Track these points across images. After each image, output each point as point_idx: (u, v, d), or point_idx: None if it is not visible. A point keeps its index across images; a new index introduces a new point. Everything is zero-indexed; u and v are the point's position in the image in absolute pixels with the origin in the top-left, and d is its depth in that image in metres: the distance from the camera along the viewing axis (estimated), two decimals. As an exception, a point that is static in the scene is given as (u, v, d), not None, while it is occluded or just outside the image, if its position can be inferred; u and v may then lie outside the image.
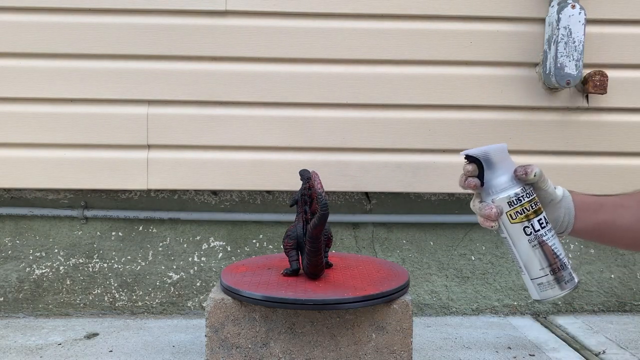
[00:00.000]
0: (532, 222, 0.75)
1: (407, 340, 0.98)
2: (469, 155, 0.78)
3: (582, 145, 1.40)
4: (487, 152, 0.77)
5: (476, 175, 0.78)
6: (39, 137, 1.37)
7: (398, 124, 1.39)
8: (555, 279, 0.76)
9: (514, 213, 0.76)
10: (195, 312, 1.46)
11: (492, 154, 0.77)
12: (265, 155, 1.39)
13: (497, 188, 0.77)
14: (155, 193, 1.45)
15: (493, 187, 0.77)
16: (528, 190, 0.76)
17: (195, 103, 1.38)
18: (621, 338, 1.30)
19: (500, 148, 0.77)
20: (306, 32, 1.37)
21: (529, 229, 0.76)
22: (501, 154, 0.77)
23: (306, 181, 1.05)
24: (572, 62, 1.32)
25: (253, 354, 0.97)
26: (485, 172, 0.78)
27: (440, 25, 1.38)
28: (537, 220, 0.75)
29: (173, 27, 1.36)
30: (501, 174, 0.77)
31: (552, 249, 0.76)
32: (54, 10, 1.35)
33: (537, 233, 0.76)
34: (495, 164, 0.77)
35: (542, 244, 0.76)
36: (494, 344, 1.26)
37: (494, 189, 0.77)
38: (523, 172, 0.76)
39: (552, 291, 0.77)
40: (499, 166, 0.77)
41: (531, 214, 0.75)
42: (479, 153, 0.77)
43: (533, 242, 0.76)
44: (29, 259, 1.45)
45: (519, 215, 0.76)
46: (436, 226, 1.49)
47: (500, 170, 0.77)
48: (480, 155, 0.77)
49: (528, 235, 0.76)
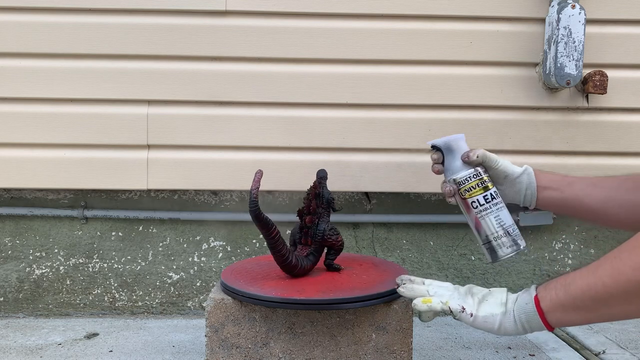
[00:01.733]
0: (477, 197, 0.94)
1: (407, 340, 0.98)
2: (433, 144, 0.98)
3: (582, 145, 1.40)
4: (446, 142, 0.96)
5: (441, 162, 0.98)
6: (39, 137, 1.37)
7: (398, 124, 1.39)
8: (498, 244, 0.94)
9: (464, 191, 0.95)
10: (195, 312, 1.46)
11: (450, 143, 0.96)
12: (265, 155, 1.39)
13: (452, 171, 0.96)
14: (155, 193, 1.45)
15: (449, 170, 0.96)
16: (477, 172, 0.94)
17: (195, 103, 1.38)
18: (621, 338, 1.30)
19: (458, 137, 0.96)
20: (306, 32, 1.37)
21: (475, 203, 0.94)
22: (458, 142, 0.96)
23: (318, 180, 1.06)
24: (572, 62, 1.32)
25: (253, 354, 0.97)
26: (445, 158, 0.97)
27: (440, 25, 1.38)
28: (482, 196, 0.94)
29: (173, 27, 1.36)
30: (457, 159, 0.96)
31: (495, 220, 0.94)
32: (54, 10, 1.35)
33: (482, 206, 0.94)
34: (453, 151, 0.96)
35: (487, 215, 0.94)
36: (494, 344, 1.26)
37: (450, 172, 0.96)
38: (466, 156, 0.94)
39: (496, 253, 0.95)
40: (456, 153, 0.96)
41: (478, 191, 0.94)
42: (439, 143, 0.97)
43: (479, 213, 0.94)
44: (28, 259, 1.45)
45: (467, 192, 0.94)
46: (436, 226, 1.49)
47: (457, 156, 0.96)
48: (441, 145, 0.97)
49: (475, 208, 0.95)
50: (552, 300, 0.77)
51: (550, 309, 0.77)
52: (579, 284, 0.74)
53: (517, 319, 0.80)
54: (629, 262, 0.69)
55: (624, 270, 0.69)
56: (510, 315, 0.81)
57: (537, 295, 0.79)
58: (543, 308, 0.78)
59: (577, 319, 0.77)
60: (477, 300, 0.85)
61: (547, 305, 0.78)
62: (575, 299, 0.74)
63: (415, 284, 0.90)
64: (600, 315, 0.75)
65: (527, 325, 0.80)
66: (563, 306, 0.76)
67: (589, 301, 0.73)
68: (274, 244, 0.96)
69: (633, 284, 0.68)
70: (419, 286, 0.89)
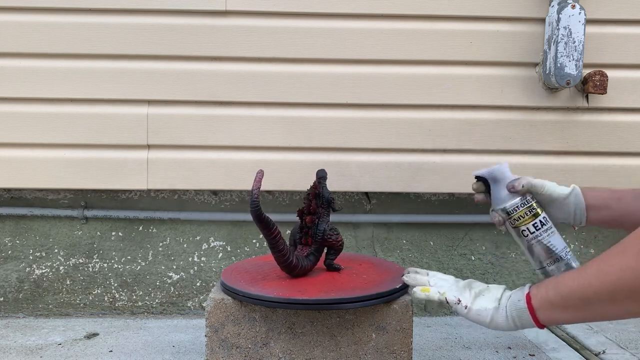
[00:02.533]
0: (527, 226, 0.93)
1: (407, 340, 0.98)
2: (477, 175, 0.98)
3: (582, 145, 1.40)
4: (491, 172, 0.96)
5: (482, 191, 0.99)
6: (39, 137, 1.37)
7: (398, 124, 1.39)
8: (553, 269, 0.93)
9: (513, 220, 0.94)
10: (195, 312, 1.46)
11: (495, 173, 0.96)
12: (265, 155, 1.39)
13: (499, 201, 0.95)
14: (155, 193, 1.45)
15: (496, 200, 0.96)
16: (525, 200, 0.94)
17: (195, 103, 1.38)
18: (621, 338, 1.30)
19: (502, 167, 0.96)
20: (306, 32, 1.37)
21: (525, 232, 0.94)
22: (503, 171, 0.96)
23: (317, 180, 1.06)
24: (572, 62, 1.32)
25: (253, 354, 0.97)
26: (492, 187, 0.97)
27: (440, 25, 1.38)
28: (532, 224, 0.93)
29: (173, 27, 1.36)
30: (502, 188, 0.95)
31: (547, 246, 0.94)
32: (54, 10, 1.35)
33: (532, 234, 0.94)
34: (499, 180, 0.95)
35: (538, 242, 0.94)
36: (494, 344, 1.26)
37: (497, 202, 0.96)
38: (511, 186, 0.94)
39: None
40: (501, 182, 0.95)
41: (528, 219, 0.93)
42: (484, 173, 0.97)
43: (531, 241, 0.94)
44: (29, 259, 1.45)
45: (516, 221, 0.94)
46: (436, 226, 1.49)
47: (502, 185, 0.95)
48: (486, 175, 0.97)
49: (525, 236, 0.94)
50: (543, 299, 0.80)
51: (540, 307, 0.80)
52: (568, 283, 0.77)
53: (508, 314, 0.84)
54: (616, 264, 0.71)
55: (610, 271, 0.71)
56: (502, 310, 0.84)
57: (529, 293, 0.82)
58: (534, 305, 0.81)
59: (566, 317, 0.79)
60: (473, 294, 0.88)
61: (538, 303, 0.81)
62: (564, 298, 0.77)
63: (419, 275, 0.95)
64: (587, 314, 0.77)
65: (518, 321, 0.83)
66: (552, 304, 0.79)
67: (577, 300, 0.76)
68: (274, 244, 0.96)
69: (618, 286, 0.70)
70: (422, 276, 0.95)
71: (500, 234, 1.49)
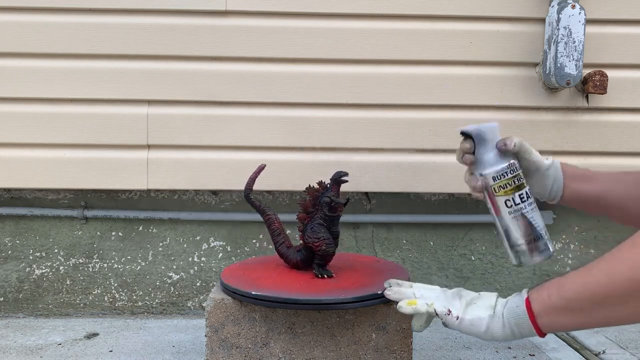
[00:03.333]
0: (513, 196, 0.84)
1: (407, 340, 0.98)
2: (464, 132, 0.88)
3: (582, 145, 1.40)
4: (480, 130, 0.86)
5: (472, 152, 0.87)
6: (39, 137, 1.37)
7: (398, 124, 1.39)
8: (531, 248, 0.85)
9: (497, 187, 0.85)
10: (195, 312, 1.46)
11: (484, 132, 0.86)
12: (265, 155, 1.39)
13: (485, 163, 0.86)
14: (155, 193, 1.45)
15: (482, 163, 0.86)
16: (513, 167, 0.85)
17: (195, 103, 1.38)
18: (621, 338, 1.30)
19: (492, 127, 0.86)
20: (306, 32, 1.37)
21: (509, 202, 0.85)
22: (492, 132, 0.86)
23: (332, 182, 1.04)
24: (572, 62, 1.32)
25: (253, 354, 0.97)
26: (477, 148, 0.86)
27: (440, 25, 1.38)
28: (518, 194, 0.84)
29: (173, 27, 1.36)
30: (490, 150, 0.86)
31: (530, 221, 0.85)
32: (54, 10, 1.35)
33: (517, 206, 0.85)
34: (487, 141, 0.86)
35: (521, 216, 0.84)
36: (494, 344, 1.26)
37: (483, 164, 0.86)
38: (502, 143, 0.85)
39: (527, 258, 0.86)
40: (489, 143, 0.86)
41: (513, 188, 0.84)
42: (472, 130, 0.87)
43: (513, 213, 0.85)
44: (29, 259, 1.45)
45: (502, 189, 0.85)
46: (436, 226, 1.49)
47: (490, 147, 0.86)
48: (474, 132, 0.87)
49: (509, 207, 0.85)
50: (545, 302, 0.73)
51: (542, 312, 0.74)
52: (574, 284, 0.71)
53: (506, 322, 0.77)
54: (627, 261, 0.67)
55: (621, 269, 0.67)
56: (499, 318, 0.78)
57: (529, 297, 0.76)
58: (534, 310, 0.74)
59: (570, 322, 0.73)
60: (464, 303, 0.82)
61: (539, 308, 0.74)
62: (569, 300, 0.71)
63: (402, 287, 0.88)
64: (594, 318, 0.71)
65: (517, 329, 0.76)
66: (556, 308, 0.72)
67: (584, 302, 0.70)
68: (268, 227, 1.11)
69: (630, 283, 0.66)
70: (406, 289, 0.88)
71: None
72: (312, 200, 1.04)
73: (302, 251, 1.06)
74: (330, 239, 1.02)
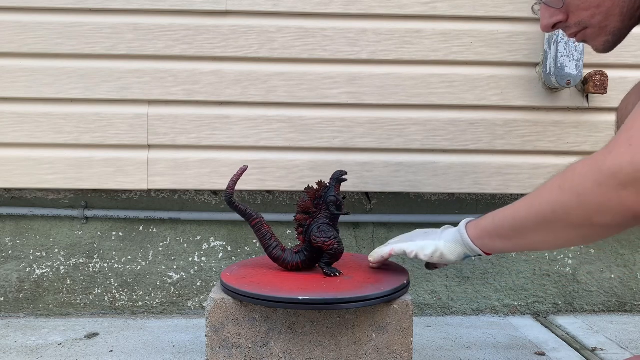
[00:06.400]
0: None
1: (407, 340, 0.98)
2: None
3: (582, 145, 1.40)
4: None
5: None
6: (39, 137, 1.37)
7: (398, 124, 1.39)
8: None
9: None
10: (196, 312, 1.46)
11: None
12: (265, 155, 1.39)
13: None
14: (155, 193, 1.45)
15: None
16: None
17: (195, 103, 1.38)
18: (621, 338, 1.30)
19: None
20: (306, 32, 1.37)
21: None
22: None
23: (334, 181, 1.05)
24: (572, 62, 1.32)
25: (253, 354, 0.98)
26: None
27: (440, 25, 1.38)
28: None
29: (173, 27, 1.36)
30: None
31: None
32: (54, 10, 1.35)
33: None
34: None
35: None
36: (494, 344, 1.26)
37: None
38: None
39: None
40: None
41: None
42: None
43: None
44: (29, 259, 1.45)
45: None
46: (436, 226, 1.48)
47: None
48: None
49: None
50: (481, 227, 0.88)
51: (477, 236, 0.88)
52: (503, 214, 0.84)
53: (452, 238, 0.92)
54: (540, 197, 0.78)
55: (535, 203, 0.78)
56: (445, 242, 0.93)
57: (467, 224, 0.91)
58: (470, 235, 0.89)
59: (498, 245, 0.87)
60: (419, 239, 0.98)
61: (474, 233, 0.89)
62: (497, 227, 0.85)
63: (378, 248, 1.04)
64: (516, 243, 0.84)
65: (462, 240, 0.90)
66: (489, 233, 0.87)
67: (509, 230, 0.83)
68: (256, 231, 1.07)
69: (539, 216, 0.77)
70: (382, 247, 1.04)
71: (501, 234, 1.49)
72: (313, 200, 1.04)
73: (304, 252, 1.05)
74: (340, 238, 1.04)
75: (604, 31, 0.85)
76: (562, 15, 0.87)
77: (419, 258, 0.95)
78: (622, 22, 0.84)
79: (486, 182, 1.40)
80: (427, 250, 0.94)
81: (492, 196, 1.48)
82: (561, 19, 0.87)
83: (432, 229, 1.00)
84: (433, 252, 0.94)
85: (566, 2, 0.85)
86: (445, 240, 0.93)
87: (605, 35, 0.86)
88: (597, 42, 0.88)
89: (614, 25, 0.84)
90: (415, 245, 0.96)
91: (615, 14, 0.83)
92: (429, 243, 0.95)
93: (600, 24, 0.84)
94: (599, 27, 0.85)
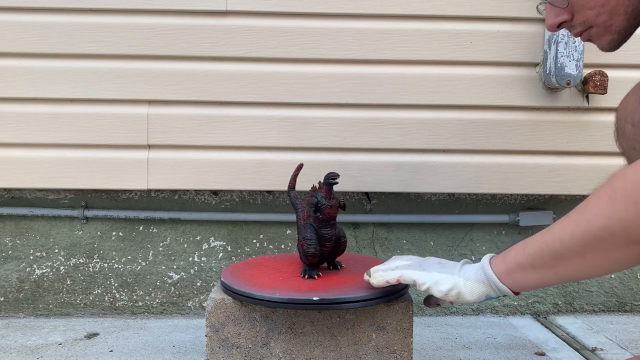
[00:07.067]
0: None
1: (407, 340, 0.98)
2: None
3: (583, 146, 1.40)
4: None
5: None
6: (39, 137, 1.37)
7: (398, 124, 1.39)
8: None
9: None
10: (196, 312, 1.47)
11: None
12: (265, 155, 1.39)
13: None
14: (155, 193, 1.45)
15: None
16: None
17: (195, 103, 1.38)
18: (621, 338, 1.30)
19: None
20: (306, 32, 1.37)
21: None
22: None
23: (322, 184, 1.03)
24: (573, 62, 1.32)
25: (253, 354, 0.98)
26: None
27: (440, 25, 1.38)
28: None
29: (173, 27, 1.36)
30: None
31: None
32: (54, 10, 1.35)
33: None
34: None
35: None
36: (494, 344, 1.26)
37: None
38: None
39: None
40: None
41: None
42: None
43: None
44: (29, 259, 1.45)
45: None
46: (436, 226, 1.49)
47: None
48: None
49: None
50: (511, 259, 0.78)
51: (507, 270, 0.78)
52: (537, 241, 0.75)
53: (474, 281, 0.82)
54: (585, 215, 0.70)
55: (580, 222, 0.70)
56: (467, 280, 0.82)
57: (491, 260, 0.81)
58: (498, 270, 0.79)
59: (534, 278, 0.76)
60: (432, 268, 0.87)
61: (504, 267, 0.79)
62: (533, 257, 0.75)
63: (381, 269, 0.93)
64: (557, 272, 0.74)
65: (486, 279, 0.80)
66: (521, 265, 0.77)
67: (547, 258, 0.73)
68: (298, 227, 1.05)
69: (588, 235, 0.69)
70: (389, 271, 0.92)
71: (501, 234, 1.49)
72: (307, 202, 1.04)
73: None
74: (313, 240, 1.00)
75: (609, 30, 0.85)
76: (567, 15, 0.86)
77: (430, 292, 0.84)
78: (627, 21, 0.83)
79: (486, 182, 1.40)
80: (442, 286, 0.83)
81: (492, 196, 1.48)
82: (566, 18, 0.87)
83: (447, 261, 0.90)
84: (449, 290, 0.82)
85: (571, 2, 0.84)
86: (465, 278, 0.82)
87: (610, 34, 0.85)
88: (602, 41, 0.88)
89: (619, 24, 0.84)
90: (429, 276, 0.85)
91: (620, 12, 0.82)
92: (446, 278, 0.83)
93: (605, 23, 0.84)
94: (603, 26, 0.85)
